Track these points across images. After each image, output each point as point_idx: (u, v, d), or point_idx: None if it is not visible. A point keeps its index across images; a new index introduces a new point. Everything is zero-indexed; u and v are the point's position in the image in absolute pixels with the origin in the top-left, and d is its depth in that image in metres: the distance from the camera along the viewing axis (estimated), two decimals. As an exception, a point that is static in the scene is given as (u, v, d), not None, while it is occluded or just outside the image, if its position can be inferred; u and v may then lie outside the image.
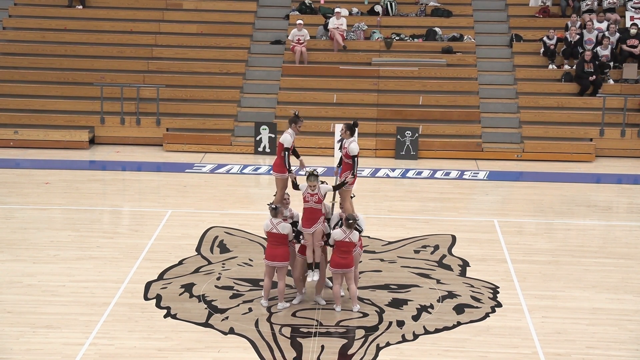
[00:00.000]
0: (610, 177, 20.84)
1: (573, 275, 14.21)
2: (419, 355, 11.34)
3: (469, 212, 17.98)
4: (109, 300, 12.79)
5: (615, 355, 11.47)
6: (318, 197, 12.27)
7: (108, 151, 22.27)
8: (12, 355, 11.10)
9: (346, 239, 12.26)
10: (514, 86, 24.07)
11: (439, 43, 25.02)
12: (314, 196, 12.26)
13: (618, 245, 15.92)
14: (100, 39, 25.22)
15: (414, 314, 12.52)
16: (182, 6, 26.48)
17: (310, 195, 12.27)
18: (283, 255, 12.49)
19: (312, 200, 12.27)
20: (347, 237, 12.26)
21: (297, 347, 11.46)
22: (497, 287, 13.56)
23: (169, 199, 18.20)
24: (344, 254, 12.27)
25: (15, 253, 14.65)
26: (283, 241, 12.47)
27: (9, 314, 12.27)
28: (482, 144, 22.40)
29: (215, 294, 13.10)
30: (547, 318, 12.52)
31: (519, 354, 11.45)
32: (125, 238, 15.64)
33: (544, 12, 26.06)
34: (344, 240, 12.26)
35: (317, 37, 25.09)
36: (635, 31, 24.26)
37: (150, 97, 23.22)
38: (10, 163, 20.94)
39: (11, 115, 23.03)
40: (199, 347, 11.45)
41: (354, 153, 12.73)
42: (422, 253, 15.02)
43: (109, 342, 11.51)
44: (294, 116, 13.17)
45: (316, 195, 12.26)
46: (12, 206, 17.36)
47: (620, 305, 13.05)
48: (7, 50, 25.02)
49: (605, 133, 22.59)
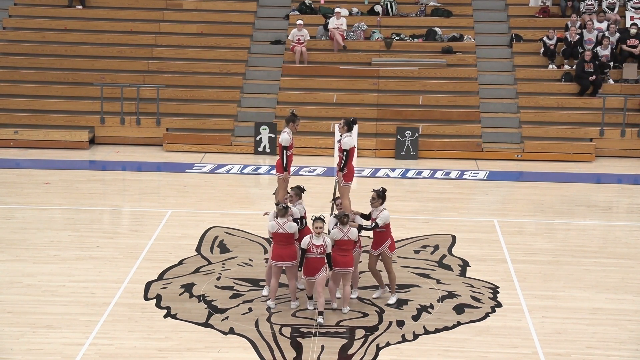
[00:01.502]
0: (610, 177, 20.85)
1: (573, 275, 14.21)
2: (419, 355, 11.34)
3: (469, 212, 17.98)
4: (109, 300, 12.79)
5: (615, 355, 11.47)
6: (323, 249, 11.99)
7: (108, 151, 22.28)
8: (12, 355, 11.10)
9: (344, 237, 12.27)
10: (514, 86, 24.08)
11: (439, 43, 25.02)
12: (319, 247, 11.98)
13: (618, 245, 15.92)
14: (101, 39, 25.23)
15: (414, 314, 12.52)
16: (182, 6, 26.49)
17: (315, 247, 11.99)
18: (291, 255, 12.48)
19: (317, 252, 11.99)
20: (346, 235, 12.27)
21: (297, 347, 11.46)
22: (497, 287, 13.56)
23: (169, 199, 18.21)
24: (344, 252, 12.27)
25: (16, 253, 14.65)
26: (290, 240, 12.47)
27: (9, 314, 12.27)
28: (482, 144, 22.40)
29: (215, 294, 13.10)
30: (547, 318, 12.51)
31: (519, 354, 11.45)
32: (125, 238, 15.64)
33: (544, 12, 26.07)
34: (342, 239, 12.27)
35: (317, 37, 25.10)
36: (635, 31, 24.28)
37: (150, 97, 23.23)
38: (11, 163, 20.94)
39: (11, 115, 23.04)
40: (199, 347, 11.45)
41: (346, 147, 12.71)
42: (422, 253, 15.02)
43: (109, 342, 11.51)
44: (291, 115, 13.18)
45: (322, 247, 11.99)
46: (13, 206, 17.37)
47: (620, 305, 13.05)
48: (7, 50, 25.03)
49: (606, 133, 22.59)
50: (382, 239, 12.70)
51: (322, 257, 12.00)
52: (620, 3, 25.80)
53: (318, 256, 12.00)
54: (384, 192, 12.72)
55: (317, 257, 12.00)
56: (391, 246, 12.77)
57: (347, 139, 12.81)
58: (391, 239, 12.80)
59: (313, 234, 12.06)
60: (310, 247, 12.00)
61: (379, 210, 12.62)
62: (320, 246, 11.97)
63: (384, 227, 12.64)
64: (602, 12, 25.19)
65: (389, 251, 12.74)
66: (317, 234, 11.99)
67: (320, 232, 11.97)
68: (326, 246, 11.97)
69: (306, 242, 12.04)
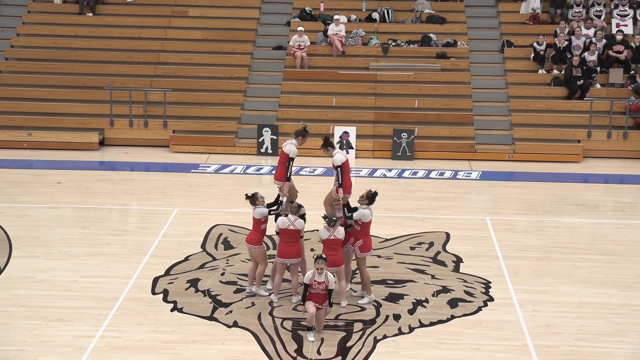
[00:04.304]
0: (597, 177, 20.84)
1: (562, 271, 14.21)
2: (415, 347, 11.35)
3: (463, 210, 17.98)
4: (118, 294, 12.80)
5: (602, 347, 11.48)
6: (325, 285, 11.60)
7: (117, 152, 22.28)
8: (26, 347, 11.12)
9: (331, 236, 12.24)
10: (505, 90, 24.07)
11: (433, 49, 25.03)
12: (321, 284, 11.60)
13: (605, 242, 15.92)
14: (110, 45, 25.22)
15: (410, 308, 12.53)
16: (188, 13, 26.49)
17: (317, 284, 11.60)
18: (297, 252, 12.48)
19: (319, 288, 11.63)
20: (332, 234, 12.24)
21: (298, 340, 11.47)
22: (489, 282, 13.57)
23: (175, 198, 18.21)
24: (332, 250, 12.20)
25: (29, 250, 14.66)
26: (296, 238, 12.47)
27: (23, 307, 12.29)
28: (475, 145, 22.40)
29: (219, 288, 13.11)
30: (537, 312, 12.52)
31: (510, 346, 11.46)
32: (133, 235, 15.64)
33: (534, 19, 26.08)
34: (329, 239, 12.23)
35: (317, 42, 25.10)
36: (621, 37, 24.30)
37: (157, 100, 23.22)
38: (24, 164, 20.94)
39: (25, 118, 23.04)
40: (204, 340, 11.46)
41: (337, 164, 12.54)
42: (417, 250, 15.03)
43: (118, 335, 11.52)
44: (303, 130, 12.92)
45: (323, 283, 11.59)
46: (26, 205, 17.37)
47: (606, 300, 13.06)
48: (21, 56, 25.04)
49: (593, 135, 22.59)
50: (355, 236, 12.48)
51: (324, 293, 11.63)
52: (606, 11, 25.81)
53: (320, 292, 11.62)
54: (374, 195, 12.52)
55: (319, 293, 11.62)
56: (363, 247, 12.47)
57: (337, 155, 12.59)
58: (366, 240, 12.50)
59: (315, 271, 11.60)
60: (312, 283, 11.59)
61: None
62: (322, 283, 11.58)
63: (359, 224, 12.46)
64: (590, 19, 25.20)
65: (359, 251, 12.48)
66: (319, 274, 11.57)
67: (322, 272, 11.55)
68: (328, 283, 11.60)
69: (308, 277, 11.63)
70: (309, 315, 11.50)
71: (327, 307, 11.74)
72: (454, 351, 11.28)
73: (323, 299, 11.64)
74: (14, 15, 26.44)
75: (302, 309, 11.92)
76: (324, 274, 11.56)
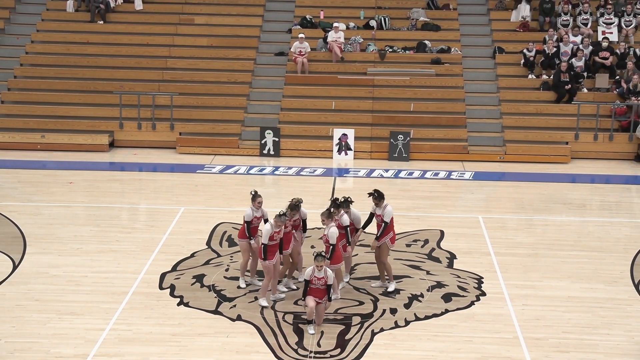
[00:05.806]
0: (584, 177, 20.83)
1: (551, 266, 14.21)
2: (410, 340, 11.35)
3: (456, 209, 17.97)
4: (127, 289, 12.80)
5: (588, 339, 11.48)
6: (324, 281, 11.57)
7: (126, 153, 22.27)
8: (40, 339, 11.12)
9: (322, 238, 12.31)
10: (497, 94, 24.06)
11: (428, 55, 25.02)
12: (321, 280, 11.57)
13: (591, 239, 15.91)
14: (119, 51, 25.22)
15: (406, 302, 12.53)
16: (194, 21, 26.48)
17: (317, 279, 11.57)
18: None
19: (318, 284, 11.59)
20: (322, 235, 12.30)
21: (299, 333, 11.47)
22: (481, 278, 13.57)
23: (182, 197, 18.20)
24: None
25: (42, 246, 14.66)
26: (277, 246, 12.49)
27: (36, 301, 12.29)
28: (468, 147, 22.39)
29: (224, 284, 13.10)
30: (527, 306, 12.52)
31: (502, 338, 11.46)
32: (141, 233, 15.64)
33: (524, 26, 26.07)
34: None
35: (317, 49, 25.09)
36: (607, 44, 24.30)
37: (164, 104, 23.22)
38: (38, 164, 20.94)
39: (38, 120, 23.03)
40: (210, 333, 11.46)
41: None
42: (413, 247, 15.02)
43: (127, 328, 11.52)
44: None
45: (323, 279, 11.56)
46: (39, 204, 17.37)
47: (593, 294, 13.05)
48: (35, 61, 25.04)
49: (580, 137, 22.59)
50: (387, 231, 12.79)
51: (323, 288, 11.60)
52: (593, 19, 25.80)
53: (320, 287, 11.59)
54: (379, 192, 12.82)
55: (319, 288, 11.59)
56: (393, 239, 12.91)
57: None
58: (394, 233, 12.94)
59: (315, 267, 11.54)
60: (312, 279, 11.57)
61: (383, 207, 12.75)
62: (322, 278, 11.55)
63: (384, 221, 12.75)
64: (577, 27, 25.19)
65: (390, 243, 12.87)
66: (319, 270, 11.53)
67: (321, 268, 11.52)
68: (327, 278, 11.58)
69: (309, 273, 11.58)
70: (309, 309, 11.49)
71: (327, 302, 11.72)
72: (448, 343, 11.27)
73: (323, 294, 11.62)
74: (29, 23, 26.43)
75: (303, 303, 11.92)
76: (323, 270, 11.55)
